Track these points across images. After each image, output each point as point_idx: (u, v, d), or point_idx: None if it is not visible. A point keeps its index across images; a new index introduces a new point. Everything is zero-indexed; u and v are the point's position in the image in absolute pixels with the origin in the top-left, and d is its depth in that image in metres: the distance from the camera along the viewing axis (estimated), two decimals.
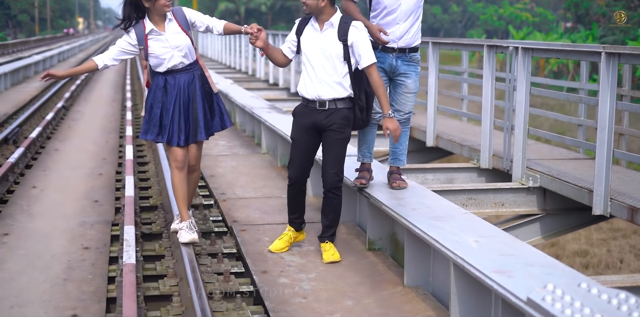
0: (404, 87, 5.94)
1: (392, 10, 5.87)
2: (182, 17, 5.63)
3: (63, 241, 6.57)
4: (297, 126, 5.46)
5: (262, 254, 5.90)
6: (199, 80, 5.74)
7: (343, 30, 5.24)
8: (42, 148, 11.39)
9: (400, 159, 6.09)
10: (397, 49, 5.91)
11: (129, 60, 37.09)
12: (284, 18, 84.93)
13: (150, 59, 5.65)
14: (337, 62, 5.26)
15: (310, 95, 5.34)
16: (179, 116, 5.66)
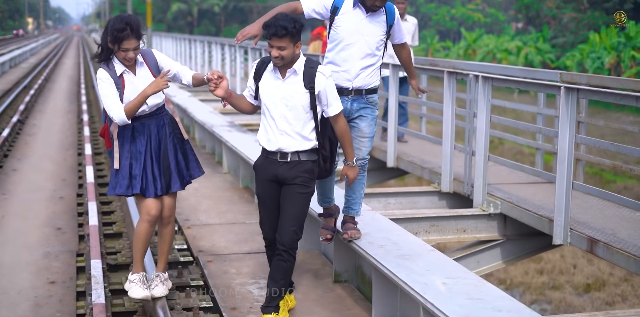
0: (358, 130, 5.41)
1: (350, 45, 5.30)
2: (153, 61, 5.17)
3: (28, 274, 6.55)
4: (260, 181, 5.01)
5: (230, 287, 5.94)
6: (169, 126, 5.31)
7: (309, 77, 4.77)
8: (0, 168, 11.28)
9: (354, 208, 5.62)
10: (352, 90, 5.36)
11: (82, 65, 36.74)
12: (237, 19, 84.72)
13: (124, 102, 5.08)
14: (301, 112, 4.81)
15: (271, 147, 4.88)
16: (151, 165, 5.22)
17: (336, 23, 5.30)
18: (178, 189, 5.37)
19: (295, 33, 4.64)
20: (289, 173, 4.86)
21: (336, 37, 5.32)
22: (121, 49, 4.89)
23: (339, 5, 5.29)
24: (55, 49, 62.32)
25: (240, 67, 18.66)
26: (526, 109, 8.71)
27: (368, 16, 5.27)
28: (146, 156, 5.20)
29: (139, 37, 4.92)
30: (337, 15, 5.27)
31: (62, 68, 36.97)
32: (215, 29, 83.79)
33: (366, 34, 5.27)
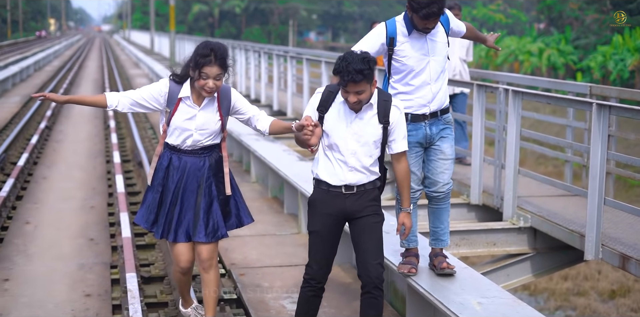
0: (440, 153, 5.12)
1: (420, 71, 5.02)
2: (227, 99, 4.67)
3: (64, 286, 6.65)
4: (319, 216, 4.51)
5: (264, 302, 6.02)
6: (211, 168, 4.76)
7: (384, 110, 4.42)
8: (30, 175, 11.42)
9: (443, 239, 5.29)
10: (429, 114, 5.09)
11: (105, 68, 37.01)
12: (257, 20, 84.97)
13: (169, 127, 4.71)
14: (372, 148, 4.43)
15: (336, 182, 4.45)
16: (174, 205, 4.73)
17: (398, 54, 5.00)
18: (202, 239, 4.74)
19: (371, 73, 4.28)
20: (357, 205, 4.45)
21: (403, 67, 5.01)
22: (201, 75, 4.45)
23: (394, 35, 5.00)
24: (78, 51, 62.74)
25: (264, 72, 18.75)
26: (555, 121, 8.74)
27: (429, 35, 5.00)
28: (173, 195, 4.73)
29: (223, 66, 4.48)
30: (397, 46, 4.99)
31: (86, 71, 37.23)
32: (236, 31, 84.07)
33: (432, 54, 5.02)
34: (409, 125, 5.00)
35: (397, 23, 5.01)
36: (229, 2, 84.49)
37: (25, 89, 25.82)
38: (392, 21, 5.04)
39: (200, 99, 4.64)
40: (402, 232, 4.67)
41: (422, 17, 4.79)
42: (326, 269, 4.61)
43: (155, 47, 51.42)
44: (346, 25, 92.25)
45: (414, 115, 5.06)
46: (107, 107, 4.64)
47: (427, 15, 4.77)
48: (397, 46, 4.98)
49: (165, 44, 44.55)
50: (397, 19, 5.04)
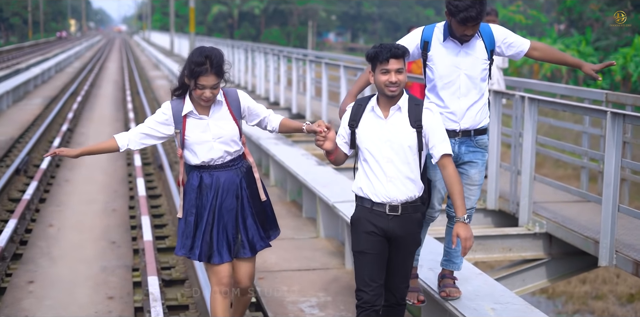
0: (467, 178, 4.84)
1: (450, 83, 4.73)
2: (236, 102, 4.48)
3: (87, 288, 6.80)
4: (364, 235, 4.28)
5: (282, 305, 6.13)
6: (244, 179, 4.55)
7: (415, 113, 4.21)
8: (53, 178, 11.61)
9: (455, 262, 5.03)
10: (459, 131, 4.78)
11: (126, 69, 37.28)
12: (277, 21, 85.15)
13: (185, 148, 4.48)
14: (409, 154, 4.20)
15: (378, 198, 4.22)
16: (212, 225, 4.49)
17: (430, 60, 4.75)
18: (248, 255, 4.58)
19: (406, 58, 4.19)
20: (401, 229, 4.26)
21: (434, 75, 4.76)
22: (197, 86, 4.27)
23: (428, 39, 4.75)
24: (99, 52, 63.17)
25: (284, 76, 18.89)
26: (572, 128, 8.81)
27: (463, 47, 4.69)
28: (209, 214, 4.49)
29: (219, 74, 4.27)
30: (430, 51, 4.74)
31: (106, 73, 37.54)
32: (255, 32, 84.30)
33: (465, 68, 4.69)
34: None
35: (436, 28, 4.77)
36: (248, 3, 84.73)
37: (46, 91, 26.11)
38: (430, 26, 4.81)
39: (206, 107, 4.43)
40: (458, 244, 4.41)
41: (460, 22, 4.52)
42: (378, 290, 4.27)
43: (175, 49, 51.70)
44: (365, 26, 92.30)
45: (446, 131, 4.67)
46: (119, 149, 4.47)
47: (465, 20, 4.49)
48: (431, 51, 4.73)
49: (185, 45, 44.78)
50: (437, 25, 4.80)
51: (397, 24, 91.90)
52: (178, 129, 4.44)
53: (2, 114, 19.35)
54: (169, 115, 4.45)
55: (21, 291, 6.68)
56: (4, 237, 7.65)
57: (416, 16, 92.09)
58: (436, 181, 4.75)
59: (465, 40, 4.67)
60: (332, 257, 7.40)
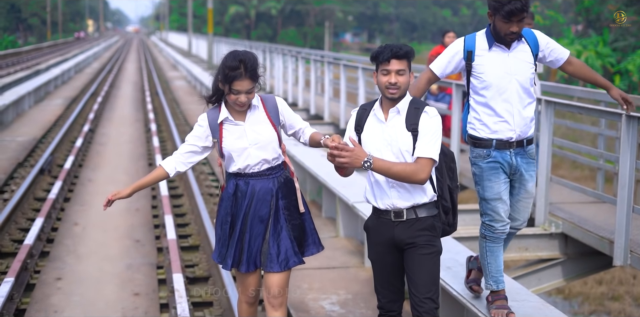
0: (524, 191, 4.74)
1: (502, 90, 4.59)
2: (274, 108, 4.37)
3: (113, 285, 6.99)
4: (374, 245, 4.23)
5: (304, 302, 6.30)
6: (282, 189, 4.38)
7: (412, 116, 4.06)
8: (76, 178, 11.82)
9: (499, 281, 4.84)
10: (514, 142, 4.64)
11: (144, 70, 37.55)
12: (294, 22, 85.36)
13: (224, 156, 4.39)
14: (408, 158, 4.04)
15: (382, 205, 4.11)
16: (243, 234, 4.36)
17: (477, 69, 4.62)
18: (276, 269, 4.34)
19: (411, 57, 4.05)
20: (406, 234, 4.10)
21: (483, 85, 4.61)
22: (232, 91, 4.17)
23: (472, 49, 4.64)
24: (117, 53, 63.57)
25: (302, 77, 19.05)
26: (588, 129, 8.93)
27: (511, 52, 4.61)
28: (242, 223, 4.37)
29: (254, 78, 4.16)
30: (474, 61, 4.63)
31: (125, 73, 37.83)
32: (272, 32, 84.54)
33: (516, 73, 4.59)
34: (494, 152, 4.65)
35: (477, 37, 4.67)
36: (265, 4, 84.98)
37: (67, 92, 26.40)
38: (470, 35, 4.71)
39: (242, 113, 4.32)
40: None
41: (505, 15, 4.41)
42: (393, 297, 4.23)
43: (192, 49, 52.00)
44: (382, 27, 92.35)
45: (499, 142, 4.64)
46: (169, 175, 4.37)
47: (510, 13, 4.39)
48: (476, 61, 4.62)
49: (202, 46, 45.07)
50: (477, 33, 4.71)
51: (413, 25, 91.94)
52: (215, 137, 4.34)
53: (25, 114, 19.63)
54: (206, 126, 4.35)
55: (50, 288, 6.87)
56: (32, 235, 7.85)
57: (433, 17, 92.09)
58: (501, 192, 4.66)
59: (511, 41, 4.56)
60: (351, 256, 7.56)
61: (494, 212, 4.70)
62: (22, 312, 6.33)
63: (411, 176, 3.95)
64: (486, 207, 4.74)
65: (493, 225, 4.73)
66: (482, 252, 4.84)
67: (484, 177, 4.71)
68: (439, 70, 4.77)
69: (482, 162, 4.71)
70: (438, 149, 4.04)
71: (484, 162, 4.70)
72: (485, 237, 4.80)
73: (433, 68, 4.77)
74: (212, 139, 4.36)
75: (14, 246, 8.07)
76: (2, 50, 47.57)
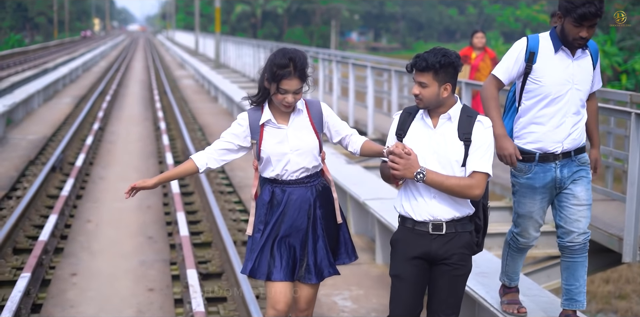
0: (572, 197, 4.43)
1: (558, 99, 4.34)
2: (318, 113, 4.16)
3: (127, 281, 7.09)
4: (402, 258, 3.93)
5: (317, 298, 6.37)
6: (319, 199, 4.17)
7: (465, 125, 3.84)
8: (87, 176, 11.92)
9: (578, 300, 4.55)
10: (560, 154, 4.40)
11: (151, 69, 37.68)
12: (300, 21, 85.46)
13: (261, 160, 4.15)
14: (456, 168, 3.82)
15: (420, 216, 3.87)
16: (275, 242, 4.13)
17: (536, 73, 4.35)
18: (313, 281, 4.14)
19: (439, 69, 3.77)
20: (443, 249, 3.86)
21: (540, 90, 4.33)
22: (279, 90, 3.95)
23: (535, 50, 4.37)
24: (124, 51, 63.75)
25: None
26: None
27: (576, 59, 4.35)
28: (275, 231, 4.13)
29: (302, 77, 3.95)
30: (536, 63, 4.35)
31: (133, 72, 37.97)
32: (278, 31, 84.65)
33: (577, 82, 4.33)
34: (536, 167, 4.41)
35: (541, 38, 4.40)
36: (271, 3, 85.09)
37: (75, 90, 26.54)
38: (534, 36, 4.43)
39: (286, 116, 4.11)
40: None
41: (577, 19, 4.15)
42: (412, 314, 3.95)
43: (199, 48, 52.13)
44: (388, 26, 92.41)
45: (543, 155, 4.39)
46: (199, 170, 4.12)
47: (582, 17, 4.13)
48: (537, 63, 4.34)
49: (209, 44, 45.17)
50: (540, 35, 4.43)
51: (419, 24, 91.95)
52: (255, 139, 4.11)
53: (34, 112, 19.77)
54: (246, 126, 4.12)
55: (65, 283, 6.97)
56: (46, 232, 7.95)
57: (439, 15, 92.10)
58: (533, 212, 4.51)
59: (579, 47, 4.30)
60: (362, 252, 7.64)
61: (523, 227, 4.57)
62: (39, 307, 6.42)
63: (465, 190, 3.78)
64: (517, 220, 4.61)
65: (519, 239, 4.64)
66: (504, 254, 4.79)
67: (519, 192, 4.51)
68: (504, 75, 4.44)
69: (521, 178, 4.48)
70: (491, 163, 3.84)
71: (523, 177, 4.46)
72: (510, 245, 4.72)
73: (497, 74, 4.45)
74: (250, 140, 4.13)
75: (29, 242, 8.16)
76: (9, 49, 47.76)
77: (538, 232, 4.62)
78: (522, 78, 4.41)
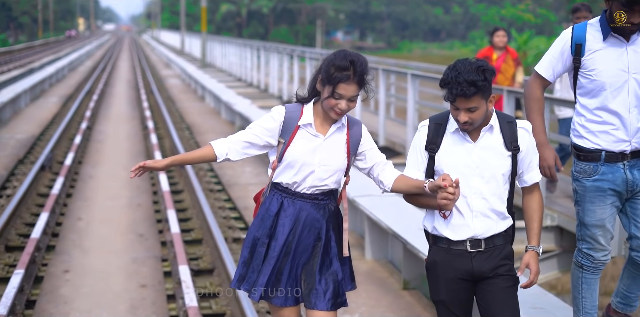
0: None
1: (616, 92, 3.91)
2: (357, 135, 3.74)
3: (120, 278, 7.16)
4: (443, 281, 3.59)
5: None
6: (330, 220, 3.75)
7: (510, 134, 3.50)
8: (77, 174, 11.97)
9: (634, 305, 4.28)
10: (629, 153, 3.95)
11: (137, 68, 37.66)
12: (285, 20, 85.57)
13: (281, 163, 3.70)
14: (500, 183, 3.51)
15: (457, 235, 3.54)
16: (282, 263, 3.69)
17: (587, 66, 3.95)
18: (321, 308, 3.68)
19: (487, 86, 3.39)
20: (487, 264, 3.53)
21: (593, 84, 3.92)
22: (334, 95, 3.55)
23: (581, 41, 3.95)
24: (109, 51, 63.64)
25: (297, 75, 19.24)
26: None
27: (630, 45, 3.92)
28: (283, 249, 3.70)
29: (361, 83, 3.57)
30: (585, 56, 3.94)
31: (119, 72, 37.96)
32: (263, 30, 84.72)
33: (635, 71, 3.90)
34: (603, 167, 3.98)
35: (589, 26, 3.96)
36: (256, 2, 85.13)
37: (62, 90, 26.52)
38: (582, 24, 3.99)
39: (326, 125, 3.70)
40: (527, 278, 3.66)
41: (625, 4, 3.77)
42: None
43: (185, 48, 52.12)
44: (374, 25, 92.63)
45: (609, 154, 3.95)
46: (217, 159, 3.67)
47: (633, 1, 3.76)
48: (586, 55, 3.93)
49: (195, 44, 45.22)
50: (588, 22, 3.99)
51: (405, 23, 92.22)
52: (284, 138, 3.68)
53: (21, 112, 19.77)
54: (280, 122, 3.68)
55: (58, 280, 7.04)
56: (38, 229, 8.00)
57: (424, 15, 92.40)
58: (604, 219, 4.04)
59: (631, 33, 3.87)
60: (352, 248, 7.58)
61: (594, 240, 4.07)
62: (33, 303, 6.49)
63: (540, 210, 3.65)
64: (584, 233, 4.10)
65: (592, 255, 4.10)
66: (577, 283, 4.20)
67: (586, 198, 4.04)
68: (547, 72, 4.06)
69: (587, 180, 4.02)
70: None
71: (589, 180, 4.02)
72: (582, 266, 4.15)
73: (539, 70, 4.07)
74: (279, 137, 3.69)
75: (21, 240, 8.22)
76: None
77: (610, 246, 4.12)
78: (574, 73, 4.01)
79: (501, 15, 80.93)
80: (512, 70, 9.60)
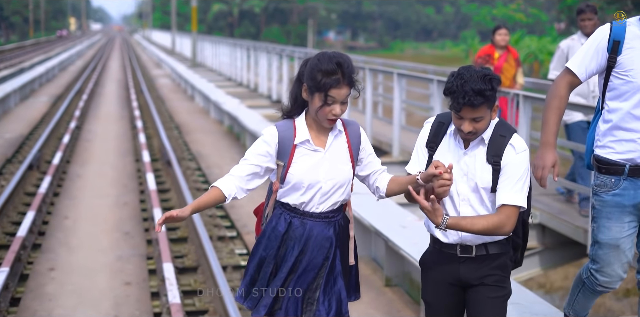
0: None
1: None
2: (356, 138, 3.56)
3: (105, 275, 7.20)
4: (432, 283, 3.55)
5: None
6: (340, 236, 3.59)
7: (496, 146, 3.33)
8: (64, 173, 12.00)
9: None
10: None
11: (128, 68, 37.64)
12: (277, 20, 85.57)
13: (285, 185, 3.51)
14: (485, 194, 3.37)
15: (449, 238, 3.45)
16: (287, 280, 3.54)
17: (622, 65, 3.63)
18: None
19: (493, 96, 3.26)
20: (474, 273, 3.43)
21: (627, 87, 3.62)
22: (327, 101, 3.34)
23: (620, 38, 3.65)
24: (100, 51, 63.55)
25: (286, 75, 19.29)
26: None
27: None
28: (291, 269, 3.54)
29: (351, 84, 3.37)
30: (621, 54, 3.64)
31: (109, 72, 37.93)
32: (255, 30, 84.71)
33: None
34: (625, 182, 3.68)
35: (629, 23, 3.67)
36: (248, 2, 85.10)
37: (52, 89, 26.51)
38: (622, 22, 3.72)
39: (323, 137, 3.50)
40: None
41: None
42: None
43: (176, 47, 52.11)
44: (365, 25, 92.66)
45: (634, 168, 3.64)
46: (226, 200, 3.45)
47: None
48: (623, 54, 3.62)
49: (186, 44, 45.22)
50: (630, 19, 3.70)
51: (397, 23, 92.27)
52: (283, 161, 3.47)
53: (11, 111, 19.77)
54: (274, 145, 3.47)
55: (43, 278, 7.08)
56: (24, 228, 8.03)
57: (416, 14, 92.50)
58: (619, 239, 3.74)
59: None
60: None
61: (605, 262, 3.75)
62: (18, 301, 6.52)
63: (495, 231, 3.30)
64: (596, 253, 3.80)
65: (598, 278, 3.81)
66: (575, 289, 4.04)
67: (602, 214, 3.75)
68: (579, 69, 3.71)
69: (606, 195, 3.73)
70: (527, 193, 3.35)
71: (609, 194, 3.73)
72: (585, 284, 3.92)
73: (572, 66, 3.73)
74: (277, 161, 3.48)
75: (7, 238, 8.25)
76: None
77: (624, 272, 3.75)
78: (605, 73, 3.69)
79: (493, 15, 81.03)
80: (513, 70, 9.39)
